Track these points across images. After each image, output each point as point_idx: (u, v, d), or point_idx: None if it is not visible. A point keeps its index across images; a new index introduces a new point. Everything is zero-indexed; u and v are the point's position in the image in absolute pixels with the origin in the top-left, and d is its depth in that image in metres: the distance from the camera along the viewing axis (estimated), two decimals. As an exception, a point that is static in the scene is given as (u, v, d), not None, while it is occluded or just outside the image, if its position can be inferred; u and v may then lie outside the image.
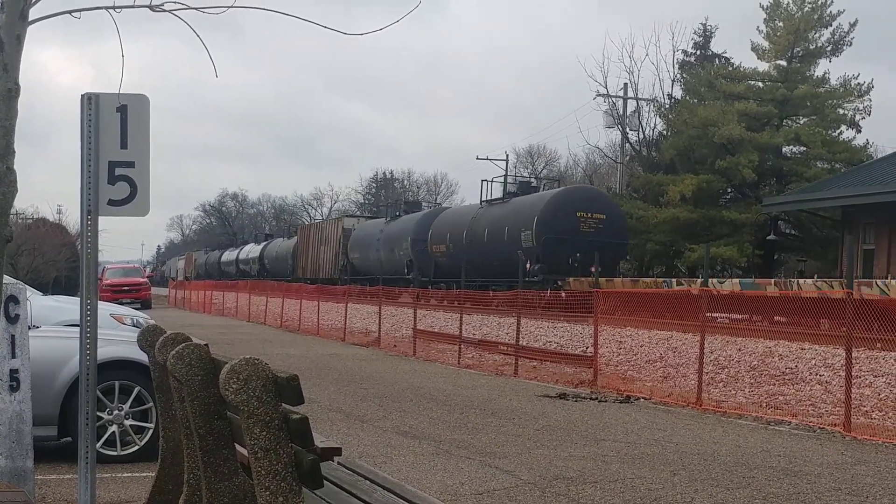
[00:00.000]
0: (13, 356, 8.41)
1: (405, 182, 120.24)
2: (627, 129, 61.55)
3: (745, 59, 77.88)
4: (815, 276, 35.18)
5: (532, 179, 62.43)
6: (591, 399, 17.37)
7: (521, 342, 23.59)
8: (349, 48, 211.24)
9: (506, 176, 54.93)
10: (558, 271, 35.83)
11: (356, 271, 57.46)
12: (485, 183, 49.15)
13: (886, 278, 25.37)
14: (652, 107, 61.68)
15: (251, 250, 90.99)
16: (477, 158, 77.99)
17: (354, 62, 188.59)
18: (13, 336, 8.44)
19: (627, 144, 61.86)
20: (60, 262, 52.77)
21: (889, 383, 16.01)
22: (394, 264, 51.53)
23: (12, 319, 8.43)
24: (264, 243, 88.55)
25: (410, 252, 49.13)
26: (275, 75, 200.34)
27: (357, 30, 6.16)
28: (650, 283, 33.88)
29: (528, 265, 34.52)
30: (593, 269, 32.68)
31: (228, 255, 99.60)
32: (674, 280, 35.00)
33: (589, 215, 37.52)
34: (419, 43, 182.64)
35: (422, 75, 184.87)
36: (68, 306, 17.43)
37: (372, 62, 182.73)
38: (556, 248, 36.37)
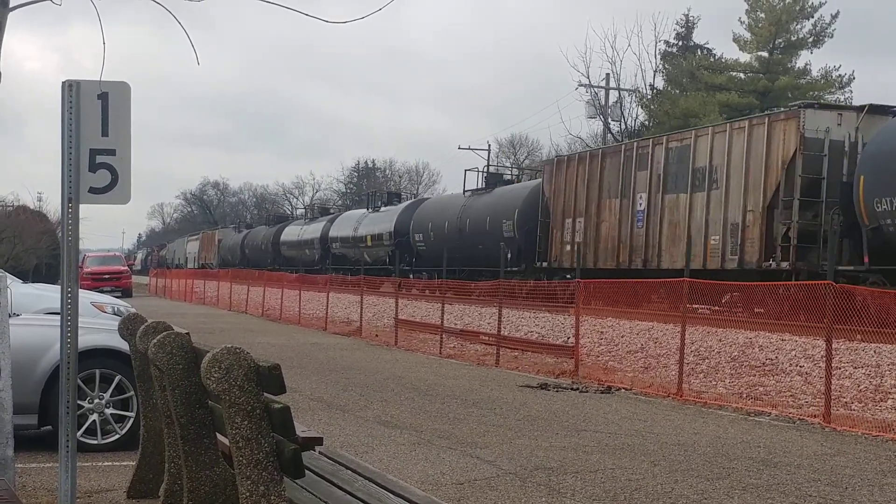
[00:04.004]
0: (-7, 344, 8.37)
1: (387, 171, 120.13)
2: (609, 120, 61.65)
3: (727, 51, 78.08)
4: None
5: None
6: (572, 389, 17.39)
7: (502, 332, 23.60)
8: (319, 36, 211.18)
9: (488, 165, 54.77)
10: None
11: None
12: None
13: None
14: (634, 97, 61.87)
15: (366, 220, 56.13)
16: (459, 148, 77.89)
17: (327, 50, 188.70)
18: (-7, 324, 8.40)
19: (609, 135, 61.93)
20: (41, 249, 52.53)
21: (869, 374, 16.08)
22: None
23: (-8, 307, 8.39)
24: (403, 205, 54.01)
25: None
26: (245, 63, 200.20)
27: (325, 16, 6.16)
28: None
29: None
30: None
31: (300, 231, 66.87)
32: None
33: None
34: (393, 34, 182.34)
35: (398, 66, 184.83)
36: (49, 294, 17.37)
37: (347, 51, 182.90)
38: None
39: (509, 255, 37.43)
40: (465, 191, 47.39)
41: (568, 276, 32.81)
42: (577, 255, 33.11)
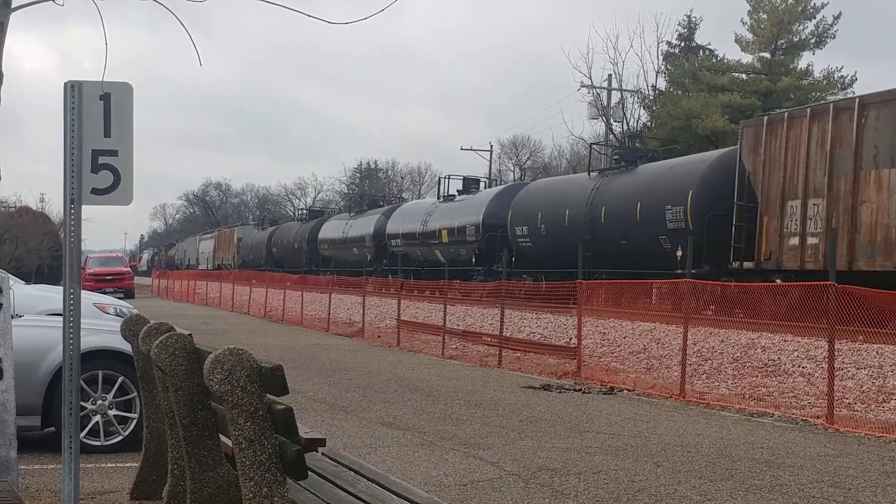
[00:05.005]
0: (-4, 346, 8.37)
1: (389, 172, 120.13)
2: (612, 121, 61.61)
3: (730, 51, 77.89)
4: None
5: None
6: (574, 390, 17.38)
7: (504, 333, 23.59)
8: (319, 37, 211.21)
9: (490, 167, 54.61)
10: None
11: None
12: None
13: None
14: (636, 98, 61.86)
15: (438, 212, 45.51)
16: (461, 149, 77.97)
17: (327, 51, 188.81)
18: (-4, 325, 8.40)
19: (611, 135, 61.91)
20: (43, 250, 52.59)
21: (871, 375, 16.06)
22: None
23: (-5, 309, 8.38)
24: (495, 191, 43.94)
25: None
26: (243, 64, 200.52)
27: (326, 16, 6.15)
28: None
29: None
30: None
31: (345, 227, 56.73)
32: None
33: None
34: (394, 34, 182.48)
35: (398, 67, 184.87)
36: (51, 295, 17.38)
37: (348, 52, 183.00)
38: None
39: (679, 253, 28.31)
40: (589, 170, 37.12)
41: (777, 279, 23.06)
42: (816, 250, 23.80)
